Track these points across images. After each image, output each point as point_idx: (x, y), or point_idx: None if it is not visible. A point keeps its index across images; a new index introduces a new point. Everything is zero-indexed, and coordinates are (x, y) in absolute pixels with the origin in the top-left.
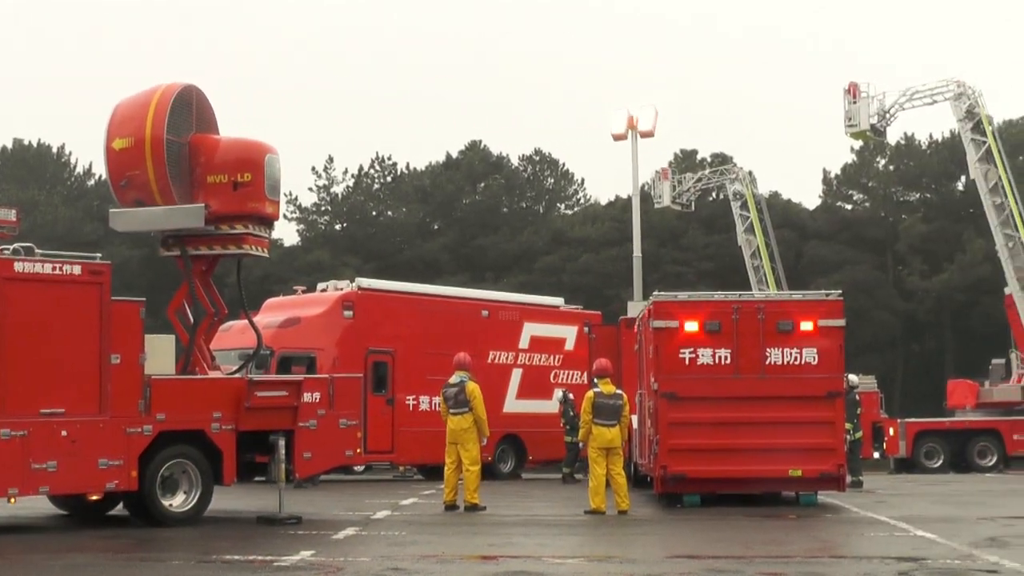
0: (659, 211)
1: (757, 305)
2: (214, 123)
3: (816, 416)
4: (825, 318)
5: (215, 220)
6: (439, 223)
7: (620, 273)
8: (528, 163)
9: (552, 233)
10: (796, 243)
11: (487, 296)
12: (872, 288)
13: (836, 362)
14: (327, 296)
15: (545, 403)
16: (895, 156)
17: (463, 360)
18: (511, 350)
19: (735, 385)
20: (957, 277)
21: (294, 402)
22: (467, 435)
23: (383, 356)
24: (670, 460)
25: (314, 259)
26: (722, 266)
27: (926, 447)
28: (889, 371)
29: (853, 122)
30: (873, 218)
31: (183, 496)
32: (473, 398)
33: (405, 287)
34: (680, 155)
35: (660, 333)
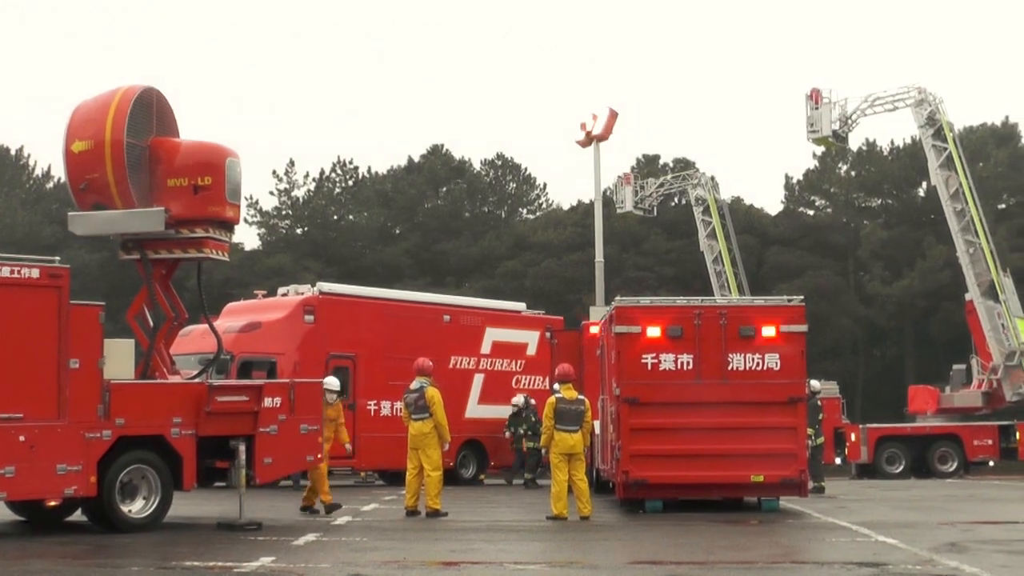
0: (621, 216)
1: (719, 310)
2: (174, 126)
3: (778, 421)
4: (787, 323)
5: (175, 224)
6: (401, 227)
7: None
8: (490, 168)
9: (514, 238)
10: (758, 249)
11: (449, 301)
12: (834, 294)
13: (798, 367)
14: (288, 301)
15: (507, 409)
16: (857, 162)
17: (424, 365)
18: (473, 355)
19: (697, 390)
20: (918, 283)
21: (255, 407)
22: (428, 440)
23: (344, 361)
24: (632, 465)
25: (275, 263)
26: (684, 271)
27: (887, 453)
28: (850, 377)
29: (815, 128)
30: (835, 224)
31: (142, 502)
32: (433, 403)
33: (367, 292)
34: (643, 160)
35: (622, 338)
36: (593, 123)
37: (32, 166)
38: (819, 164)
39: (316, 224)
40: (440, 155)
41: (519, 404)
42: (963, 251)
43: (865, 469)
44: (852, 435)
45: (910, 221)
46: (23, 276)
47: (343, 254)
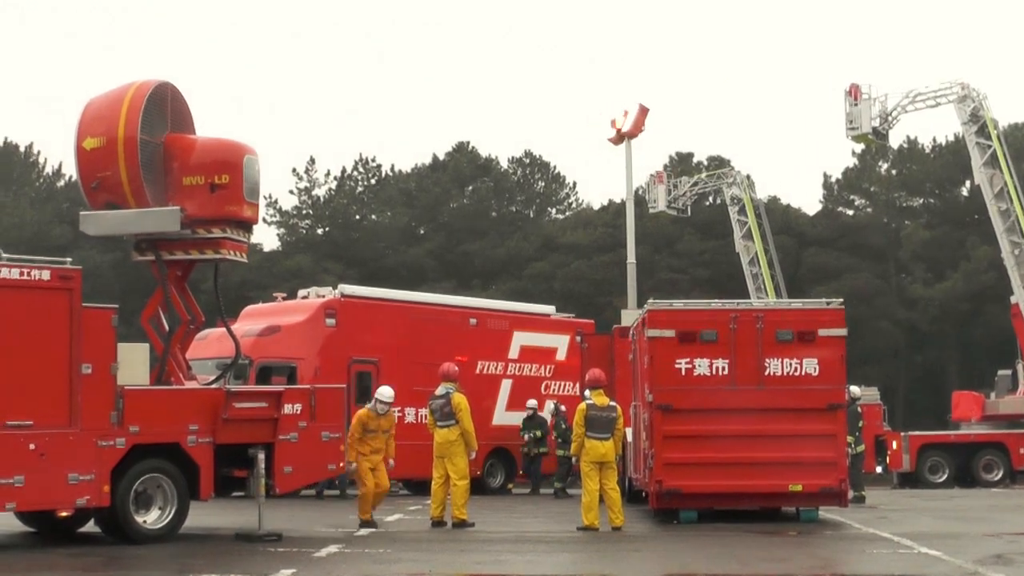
0: (654, 216)
1: (755, 314)
2: (190, 122)
3: (817, 429)
4: (826, 327)
5: (191, 224)
6: (425, 228)
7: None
8: (518, 165)
9: (542, 238)
10: (795, 250)
11: (475, 304)
12: (873, 297)
13: (837, 373)
14: (308, 303)
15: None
16: (897, 160)
17: (450, 371)
18: (500, 360)
19: (733, 396)
20: (961, 285)
21: (274, 414)
22: (454, 448)
23: (367, 366)
24: (666, 474)
25: (295, 265)
26: (719, 273)
27: (930, 461)
28: (891, 382)
29: (854, 125)
30: (875, 224)
31: (158, 512)
32: (460, 410)
33: (390, 294)
34: (676, 158)
35: (655, 343)
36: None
37: (42, 164)
38: (859, 162)
39: (337, 224)
40: (466, 152)
41: (532, 407)
42: (1008, 252)
43: (907, 478)
44: (894, 443)
45: (953, 221)
46: (33, 278)
47: (365, 255)
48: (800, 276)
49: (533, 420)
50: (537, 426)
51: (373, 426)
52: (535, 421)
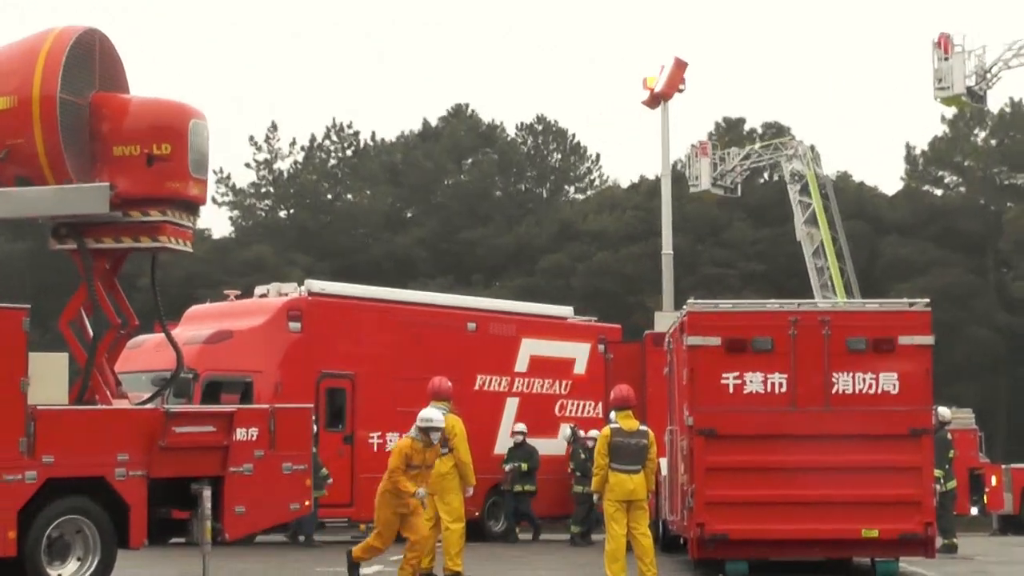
0: (696, 196)
1: (821, 317)
2: (123, 79)
3: (897, 460)
4: (908, 334)
5: (123, 204)
6: (414, 210)
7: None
8: (528, 134)
9: (559, 224)
10: (871, 238)
11: (475, 305)
12: (968, 296)
13: (922, 391)
14: (268, 304)
15: (549, 442)
16: (998, 128)
17: (441, 387)
18: (505, 374)
19: (792, 420)
20: None
21: (224, 441)
22: (447, 483)
23: (340, 381)
24: (709, 516)
25: (252, 255)
26: (776, 267)
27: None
28: (990, 403)
29: (944, 84)
30: (969, 207)
31: (76, 563)
32: (454, 436)
33: (369, 293)
34: (723, 125)
35: (696, 353)
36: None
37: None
38: (949, 131)
39: (305, 206)
40: (464, 118)
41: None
42: None
43: (1009, 522)
44: (992, 478)
45: None
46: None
47: (339, 244)
48: (877, 271)
49: (521, 449)
50: (525, 456)
51: (418, 460)
52: (523, 451)
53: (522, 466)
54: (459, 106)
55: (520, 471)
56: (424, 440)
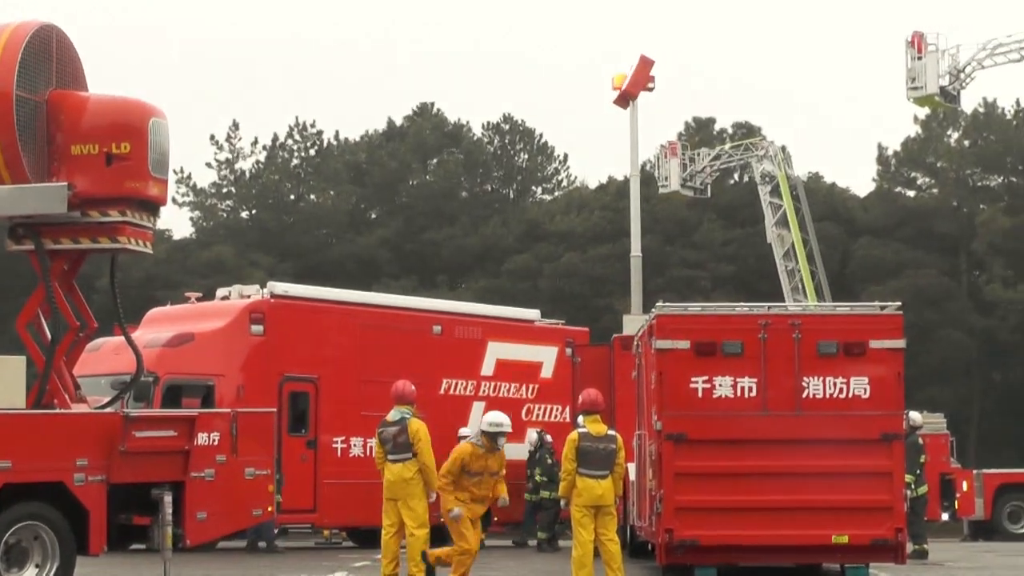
0: (665, 197)
1: (791, 320)
2: (81, 76)
3: (867, 465)
4: (880, 338)
5: (82, 204)
6: (378, 211)
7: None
8: (495, 133)
9: (526, 225)
10: (843, 240)
11: (440, 307)
12: (941, 299)
13: (894, 395)
14: (230, 306)
15: (515, 447)
16: (972, 128)
17: (405, 391)
18: (471, 378)
19: (763, 424)
20: None
21: (185, 445)
22: (411, 488)
23: (303, 385)
24: (677, 522)
25: (213, 257)
26: (746, 269)
27: (1010, 506)
28: (963, 407)
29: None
30: (942, 209)
31: (35, 570)
32: (418, 440)
33: (332, 295)
34: (693, 125)
35: (665, 356)
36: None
37: None
38: (922, 131)
39: (267, 206)
40: (430, 117)
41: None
42: None
43: (981, 527)
44: (964, 483)
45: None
46: None
47: (302, 245)
48: (848, 273)
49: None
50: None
51: (478, 467)
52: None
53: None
54: (424, 105)
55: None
56: (488, 445)
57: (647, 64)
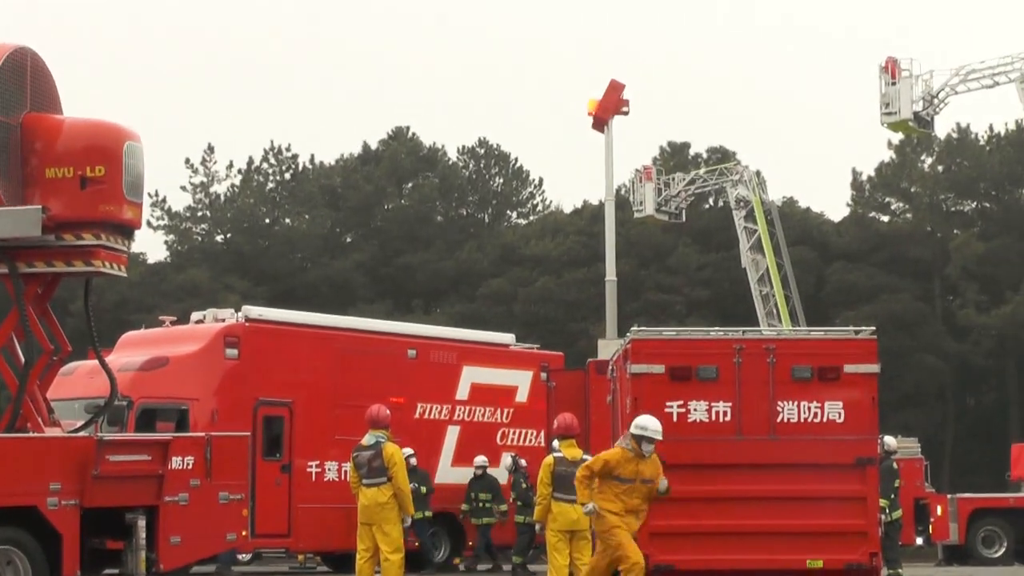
0: (640, 222)
1: (766, 345)
2: (56, 99)
3: (842, 490)
4: (854, 362)
5: (56, 227)
6: (353, 235)
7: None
8: (470, 158)
9: (501, 249)
10: (817, 265)
11: (415, 331)
12: (915, 324)
13: (868, 420)
14: (204, 329)
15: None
16: (945, 154)
17: (380, 415)
18: (445, 402)
19: (737, 449)
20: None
21: (159, 469)
22: (386, 513)
23: (278, 409)
24: (653, 547)
25: (188, 280)
26: (721, 294)
27: (984, 531)
28: (937, 432)
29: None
30: (916, 234)
31: None
32: (393, 464)
33: (307, 319)
34: (668, 150)
35: (640, 381)
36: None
37: None
38: (896, 156)
39: (242, 230)
40: (405, 141)
41: (482, 465)
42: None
43: (955, 552)
44: (938, 507)
45: (1015, 230)
46: None
47: (277, 269)
48: (823, 298)
49: (482, 481)
50: (485, 487)
51: (628, 473)
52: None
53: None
54: (400, 129)
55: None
56: (635, 450)
57: (617, 88)
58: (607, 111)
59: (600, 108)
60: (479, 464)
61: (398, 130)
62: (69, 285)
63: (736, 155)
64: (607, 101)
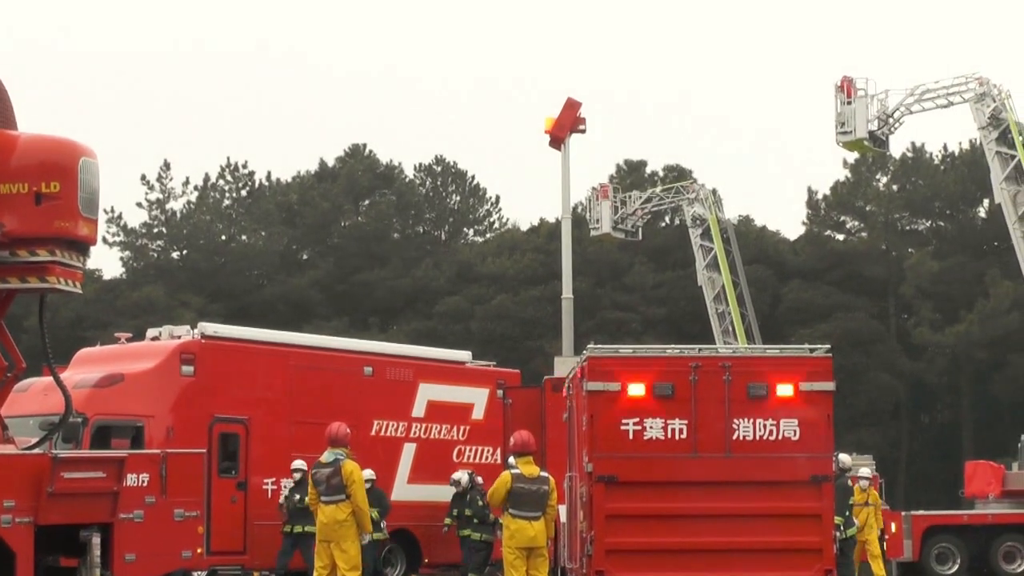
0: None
1: (722, 363)
2: (11, 115)
3: (797, 507)
4: (809, 380)
5: (10, 243)
6: (309, 252)
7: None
8: (427, 175)
9: (457, 266)
10: (773, 283)
11: (371, 348)
12: (870, 342)
13: (823, 437)
14: (160, 346)
15: (446, 489)
16: (900, 173)
17: (339, 432)
18: (402, 419)
19: (693, 466)
20: (978, 329)
21: (114, 487)
22: (344, 530)
23: (234, 426)
24: (608, 564)
25: (143, 297)
26: (677, 312)
27: (938, 548)
28: (891, 449)
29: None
30: (872, 252)
31: None
32: (352, 482)
33: (264, 336)
34: (625, 168)
35: (596, 398)
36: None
37: None
38: (852, 175)
39: (198, 246)
40: (362, 158)
41: (461, 481)
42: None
43: (910, 569)
44: (893, 525)
45: (969, 249)
46: None
47: (233, 286)
48: (778, 316)
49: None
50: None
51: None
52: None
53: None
54: (356, 146)
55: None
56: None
57: (574, 107)
58: (564, 129)
59: (557, 126)
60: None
61: (355, 147)
62: (24, 301)
63: (692, 173)
64: (564, 119)
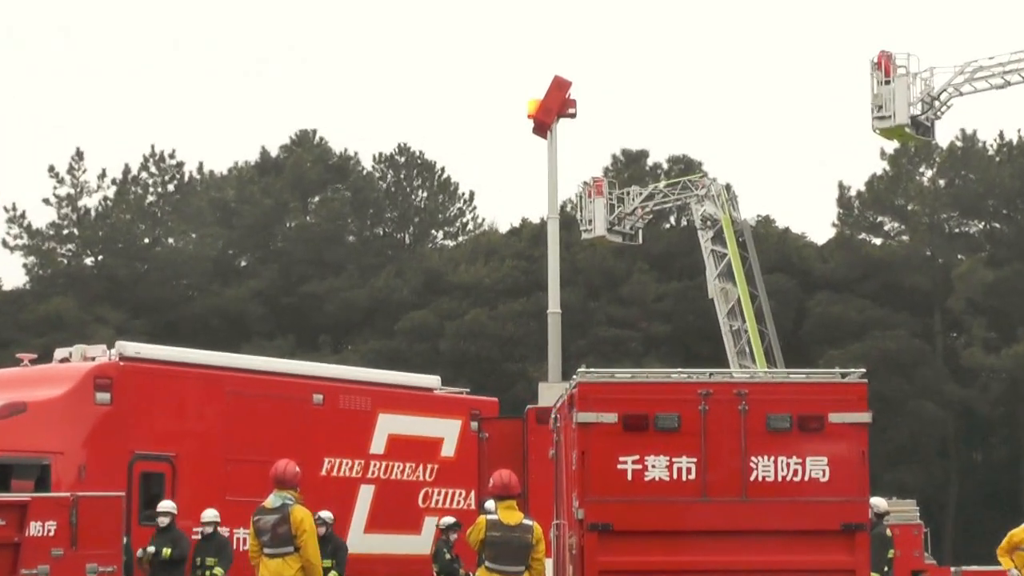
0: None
1: (737, 390)
2: None
3: (826, 561)
4: (841, 410)
5: None
6: (248, 258)
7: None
8: (388, 167)
9: (424, 275)
10: (797, 295)
11: (322, 373)
12: (912, 365)
13: (857, 478)
14: (71, 369)
15: (410, 539)
16: (947, 165)
17: (286, 472)
18: (358, 456)
19: (703, 513)
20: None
21: (14, 536)
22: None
23: (158, 464)
24: None
25: (51, 310)
26: (684, 328)
27: None
28: (938, 493)
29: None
30: (914, 259)
31: None
32: (303, 531)
33: (194, 357)
34: (622, 160)
35: (588, 432)
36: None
37: None
38: (890, 168)
39: (116, 251)
40: (311, 147)
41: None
42: None
43: None
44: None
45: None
46: None
47: (158, 298)
48: (804, 334)
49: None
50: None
51: None
52: (331, 544)
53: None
54: (305, 133)
55: None
56: None
57: (562, 87)
58: (550, 113)
59: (542, 110)
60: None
61: (303, 134)
62: None
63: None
64: (550, 101)
